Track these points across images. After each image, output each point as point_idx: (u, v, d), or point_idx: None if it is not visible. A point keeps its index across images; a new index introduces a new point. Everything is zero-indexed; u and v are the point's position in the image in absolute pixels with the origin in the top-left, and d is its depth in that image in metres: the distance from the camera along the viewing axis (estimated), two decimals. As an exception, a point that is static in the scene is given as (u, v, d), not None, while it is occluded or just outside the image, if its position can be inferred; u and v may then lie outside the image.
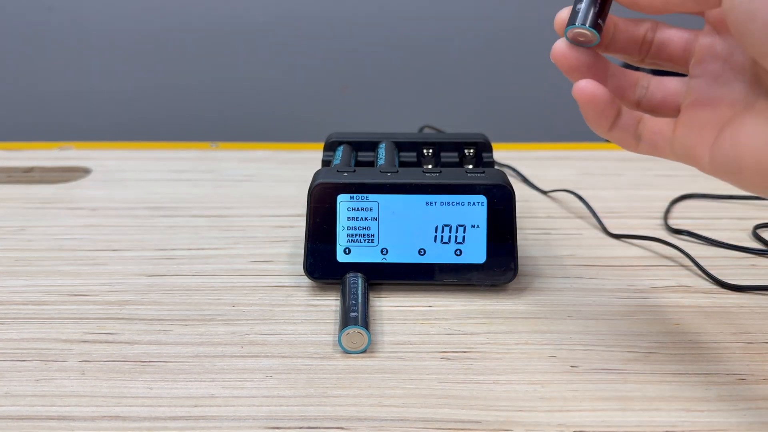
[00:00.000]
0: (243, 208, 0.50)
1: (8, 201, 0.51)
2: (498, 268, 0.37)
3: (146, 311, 0.36)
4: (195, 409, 0.28)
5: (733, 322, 0.35)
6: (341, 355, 0.32)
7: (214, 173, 0.58)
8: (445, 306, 0.36)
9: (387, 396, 0.29)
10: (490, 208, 0.36)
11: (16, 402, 0.28)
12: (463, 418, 0.28)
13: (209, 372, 0.31)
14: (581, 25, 0.27)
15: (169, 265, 0.41)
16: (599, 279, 0.39)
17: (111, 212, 0.49)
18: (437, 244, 0.37)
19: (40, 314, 0.35)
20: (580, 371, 0.31)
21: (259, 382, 0.30)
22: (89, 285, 0.38)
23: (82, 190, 0.54)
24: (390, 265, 0.37)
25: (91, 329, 0.34)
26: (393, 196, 0.36)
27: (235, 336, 0.33)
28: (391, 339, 0.33)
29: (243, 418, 0.28)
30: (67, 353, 0.32)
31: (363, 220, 0.36)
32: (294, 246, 0.43)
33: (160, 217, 0.48)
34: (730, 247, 0.44)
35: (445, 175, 0.37)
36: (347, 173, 0.37)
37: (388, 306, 0.36)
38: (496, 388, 0.30)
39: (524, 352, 0.32)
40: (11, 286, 0.38)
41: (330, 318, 0.35)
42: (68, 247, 0.43)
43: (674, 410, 0.28)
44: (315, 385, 0.30)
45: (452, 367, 0.31)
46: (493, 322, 0.35)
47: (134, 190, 0.53)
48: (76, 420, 0.27)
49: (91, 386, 0.29)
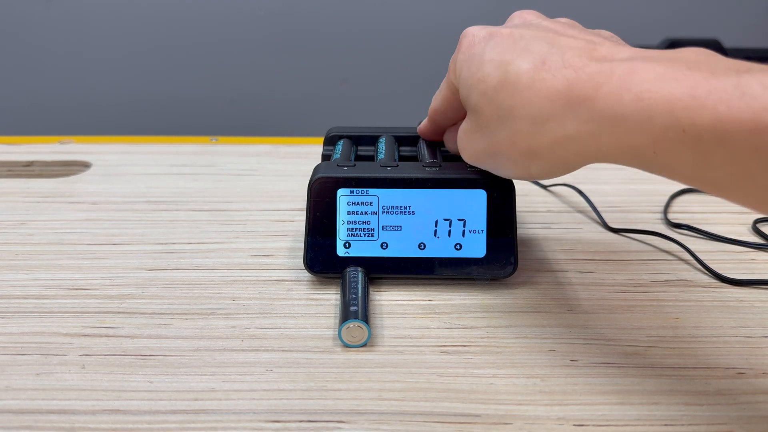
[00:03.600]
0: (243, 202, 0.50)
1: (8, 195, 0.51)
2: (498, 262, 0.37)
3: (146, 305, 0.36)
4: (195, 403, 0.28)
5: (733, 316, 0.35)
6: (341, 349, 0.32)
7: (215, 167, 0.58)
8: (445, 300, 0.36)
9: (387, 390, 0.29)
10: (490, 203, 0.36)
11: (17, 396, 0.28)
12: (463, 411, 0.28)
13: (209, 366, 0.31)
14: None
15: (169, 259, 0.41)
16: (599, 273, 0.39)
17: (111, 206, 0.49)
18: (437, 238, 0.37)
19: (41, 308, 0.35)
20: (580, 365, 0.31)
21: (259, 375, 0.30)
22: (89, 279, 0.38)
23: (82, 184, 0.54)
24: (390, 259, 0.37)
25: (92, 323, 0.34)
26: (393, 190, 0.36)
27: (235, 330, 0.33)
28: (391, 333, 0.33)
29: (243, 411, 0.28)
30: (67, 347, 0.32)
31: (363, 215, 0.36)
32: (294, 240, 0.43)
33: (161, 211, 0.48)
34: (729, 242, 0.44)
35: (445, 169, 0.37)
36: (347, 167, 0.37)
37: (388, 300, 0.36)
38: (495, 382, 0.30)
39: (524, 346, 0.32)
40: (11, 280, 0.38)
41: (330, 312, 0.35)
42: (68, 241, 0.43)
43: (674, 404, 0.28)
44: (315, 378, 0.30)
45: (452, 360, 0.31)
46: (493, 316, 0.35)
47: (134, 184, 0.53)
48: (77, 414, 0.27)
49: (92, 380, 0.29)
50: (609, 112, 0.25)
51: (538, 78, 0.27)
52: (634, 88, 0.24)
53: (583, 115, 0.26)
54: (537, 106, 0.27)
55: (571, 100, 0.26)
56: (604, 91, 0.25)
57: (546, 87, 0.27)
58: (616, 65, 0.25)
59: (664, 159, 0.24)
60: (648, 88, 0.24)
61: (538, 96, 0.27)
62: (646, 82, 0.24)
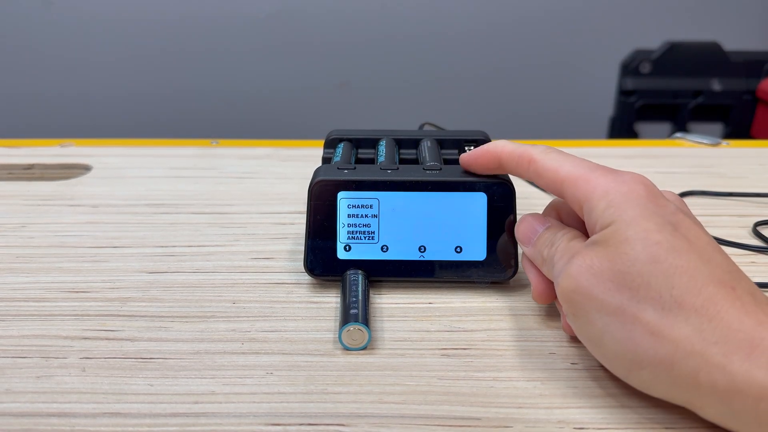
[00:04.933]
0: (243, 205, 0.50)
1: (9, 198, 0.51)
2: (498, 265, 0.37)
3: (147, 308, 0.36)
4: (195, 406, 0.28)
5: (733, 319, 0.35)
6: (341, 352, 0.32)
7: (215, 170, 0.58)
8: (446, 303, 0.36)
9: (387, 393, 0.29)
10: (490, 206, 0.36)
11: (17, 399, 0.28)
12: (463, 414, 0.28)
13: (210, 369, 0.31)
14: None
15: (169, 262, 0.41)
16: (599, 276, 0.39)
17: (112, 209, 0.49)
18: (437, 241, 0.37)
19: (41, 311, 0.35)
20: (580, 368, 0.31)
21: (259, 378, 0.30)
22: (90, 282, 0.38)
23: (82, 187, 0.54)
24: (390, 262, 0.37)
25: (92, 326, 0.34)
26: (393, 193, 0.36)
27: (235, 333, 0.33)
28: (391, 336, 0.33)
29: (243, 414, 0.28)
30: (67, 350, 0.32)
31: (363, 217, 0.36)
32: (294, 243, 0.43)
33: (161, 214, 0.48)
34: (730, 244, 0.44)
35: (446, 172, 0.37)
36: (347, 170, 0.37)
37: (389, 303, 0.36)
38: (496, 385, 0.30)
39: (524, 349, 0.32)
40: (12, 283, 0.38)
41: (330, 315, 0.35)
42: (69, 244, 0.43)
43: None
44: (315, 381, 0.30)
45: (452, 363, 0.31)
46: (494, 319, 0.35)
47: (135, 187, 0.53)
48: (77, 417, 0.27)
49: (92, 383, 0.29)
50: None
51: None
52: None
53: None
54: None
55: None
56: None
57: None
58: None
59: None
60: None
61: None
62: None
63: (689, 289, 0.25)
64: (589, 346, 0.29)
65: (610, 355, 0.27)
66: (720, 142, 0.67)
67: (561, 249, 0.30)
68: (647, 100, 1.55)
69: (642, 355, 0.26)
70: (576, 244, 0.30)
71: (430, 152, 0.43)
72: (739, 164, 0.60)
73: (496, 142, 0.35)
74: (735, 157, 0.63)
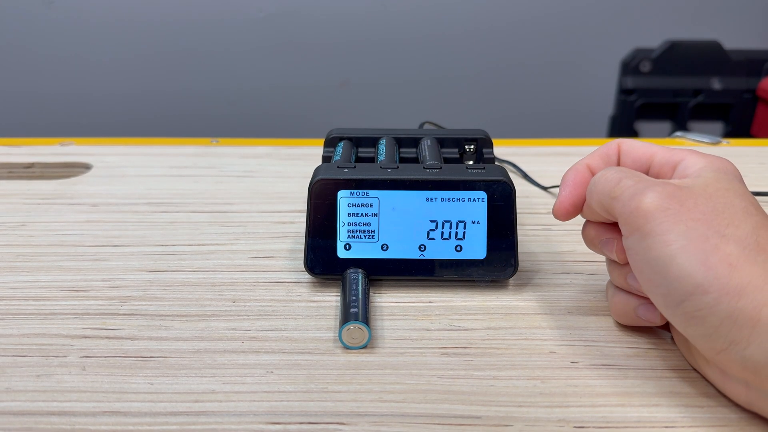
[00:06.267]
0: (243, 203, 0.50)
1: (9, 197, 0.51)
2: (498, 264, 0.37)
3: (147, 307, 0.36)
4: (196, 405, 0.28)
5: (733, 318, 0.35)
6: (342, 351, 0.32)
7: (215, 169, 0.58)
8: (446, 302, 0.36)
9: (387, 391, 0.29)
10: (490, 204, 0.36)
11: (17, 397, 0.28)
12: (464, 413, 0.28)
13: (210, 367, 0.31)
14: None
15: (169, 261, 0.41)
16: (600, 275, 0.39)
17: (112, 208, 0.49)
18: (437, 240, 0.37)
19: (41, 310, 0.35)
20: (580, 367, 0.31)
21: (259, 377, 0.30)
22: (90, 281, 0.38)
23: (82, 186, 0.54)
24: (390, 260, 0.37)
25: (92, 325, 0.34)
26: (393, 192, 0.36)
27: (235, 331, 0.33)
28: (391, 335, 0.33)
29: (244, 413, 0.28)
30: (68, 349, 0.32)
31: (363, 216, 0.36)
32: (294, 242, 0.43)
33: (161, 212, 0.48)
34: (730, 243, 0.44)
35: (446, 171, 0.37)
36: (347, 169, 0.37)
37: (389, 302, 0.36)
38: (496, 384, 0.30)
39: (524, 347, 0.32)
40: (12, 282, 0.38)
41: (330, 314, 0.35)
42: (69, 242, 0.43)
43: (674, 406, 0.28)
44: (315, 380, 0.30)
45: (452, 362, 0.31)
46: (494, 317, 0.35)
47: (135, 185, 0.53)
48: (77, 415, 0.27)
49: (92, 381, 0.29)
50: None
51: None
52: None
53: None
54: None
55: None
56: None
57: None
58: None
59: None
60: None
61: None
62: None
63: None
64: (650, 267, 0.28)
65: (673, 276, 0.27)
66: (720, 141, 0.67)
67: (640, 176, 0.31)
68: (647, 98, 1.55)
69: (712, 279, 0.26)
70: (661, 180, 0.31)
71: (431, 151, 0.43)
72: (739, 163, 0.60)
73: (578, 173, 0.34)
74: (735, 155, 0.62)
